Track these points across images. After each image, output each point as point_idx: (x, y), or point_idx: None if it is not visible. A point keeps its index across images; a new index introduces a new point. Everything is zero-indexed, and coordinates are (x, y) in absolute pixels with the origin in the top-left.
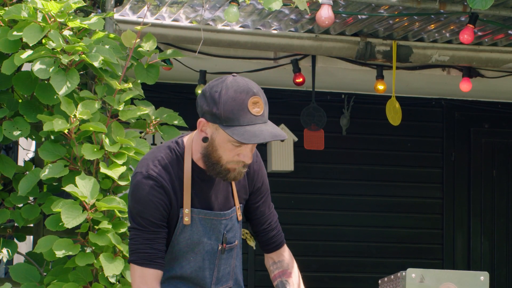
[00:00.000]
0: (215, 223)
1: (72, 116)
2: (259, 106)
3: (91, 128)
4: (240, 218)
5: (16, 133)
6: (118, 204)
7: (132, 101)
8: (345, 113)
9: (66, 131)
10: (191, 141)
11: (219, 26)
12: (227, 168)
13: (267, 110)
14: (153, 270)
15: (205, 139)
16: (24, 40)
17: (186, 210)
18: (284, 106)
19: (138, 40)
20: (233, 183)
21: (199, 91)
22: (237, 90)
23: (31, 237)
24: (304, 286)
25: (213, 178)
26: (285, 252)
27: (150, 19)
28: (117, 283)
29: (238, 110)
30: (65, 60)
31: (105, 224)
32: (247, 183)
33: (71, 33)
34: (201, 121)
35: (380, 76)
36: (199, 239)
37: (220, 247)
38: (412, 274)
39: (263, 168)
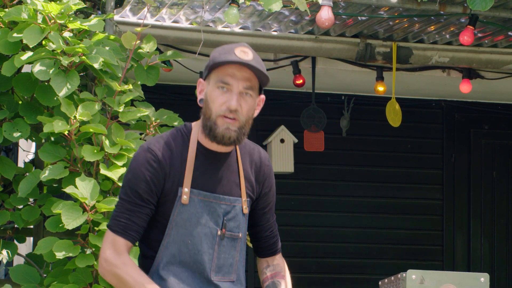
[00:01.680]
0: (215, 206)
1: (72, 118)
2: (247, 54)
3: (91, 130)
4: (246, 211)
5: (16, 134)
6: None
7: (132, 103)
8: (345, 114)
9: (66, 133)
10: (199, 124)
11: (219, 28)
12: (216, 123)
13: (259, 64)
14: (125, 240)
15: (201, 101)
16: (24, 41)
17: (186, 189)
18: (284, 107)
19: (138, 41)
20: (241, 175)
21: None
22: (230, 44)
23: (31, 238)
24: None
25: (219, 162)
26: (281, 259)
27: (150, 20)
28: None
29: (224, 53)
30: (65, 61)
31: (105, 226)
32: (254, 180)
33: (71, 34)
34: (199, 81)
35: (380, 78)
36: (197, 220)
37: (219, 233)
38: (413, 275)
39: (273, 176)
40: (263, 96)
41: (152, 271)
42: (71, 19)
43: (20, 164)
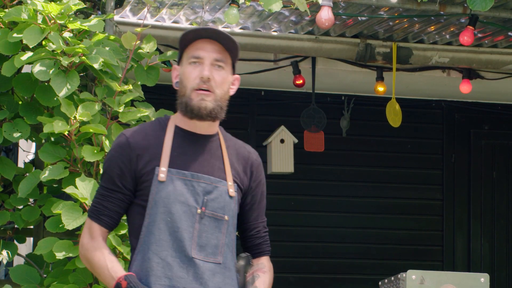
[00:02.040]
0: (194, 184)
1: (72, 118)
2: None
3: (91, 130)
4: (232, 194)
5: (16, 134)
6: None
7: (132, 103)
8: (345, 114)
9: (66, 133)
10: (177, 113)
11: (219, 28)
12: (191, 97)
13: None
14: (97, 225)
15: (176, 84)
16: (24, 42)
17: (163, 168)
18: (284, 108)
19: (138, 42)
20: (226, 160)
21: None
22: None
23: (31, 238)
24: None
25: (199, 143)
26: (267, 261)
27: (150, 21)
28: None
29: (192, 31)
30: (65, 62)
31: None
32: (242, 170)
33: (71, 35)
34: (173, 67)
35: (380, 78)
36: (176, 198)
37: (199, 211)
38: (413, 275)
39: (263, 173)
40: (237, 76)
41: (135, 252)
42: (71, 19)
43: (20, 165)
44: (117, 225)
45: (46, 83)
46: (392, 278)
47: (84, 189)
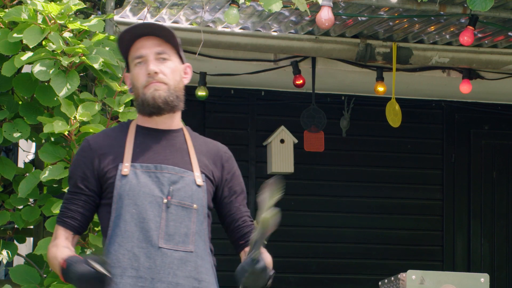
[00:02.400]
0: (158, 175)
1: (72, 118)
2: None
3: (91, 130)
4: (200, 184)
5: (16, 135)
6: None
7: (132, 103)
8: (345, 115)
9: (66, 133)
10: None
11: (219, 28)
12: (144, 93)
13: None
14: (61, 227)
15: (130, 90)
16: (24, 42)
17: (126, 164)
18: (284, 108)
19: None
20: (192, 154)
21: (200, 93)
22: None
23: (31, 238)
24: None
25: (161, 139)
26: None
27: (150, 21)
28: None
29: (127, 31)
30: (65, 62)
31: None
32: (211, 163)
33: (71, 35)
34: (125, 76)
35: (380, 78)
36: (140, 189)
37: (165, 200)
38: (413, 275)
39: (235, 164)
40: (188, 64)
41: (103, 248)
42: (71, 19)
43: (20, 165)
44: (84, 229)
45: (46, 83)
46: (392, 278)
47: None
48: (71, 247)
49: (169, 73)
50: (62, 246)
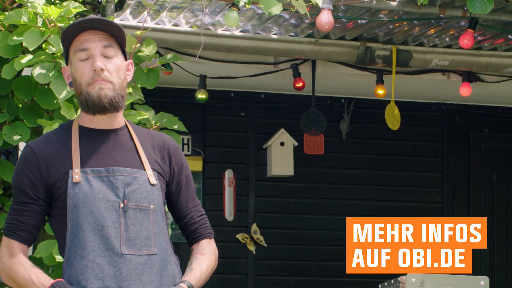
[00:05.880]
0: (111, 179)
1: None
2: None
3: None
4: (154, 182)
5: (16, 137)
6: None
7: (132, 106)
8: (345, 117)
9: None
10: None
11: (219, 31)
12: (88, 91)
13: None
14: (15, 241)
15: (70, 84)
16: (24, 45)
17: (76, 170)
18: (284, 110)
19: (138, 44)
20: (140, 151)
21: (200, 96)
22: None
23: None
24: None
25: (107, 139)
26: (207, 244)
27: (150, 23)
28: None
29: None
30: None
31: None
32: (159, 159)
33: None
34: (63, 68)
35: (380, 81)
36: (95, 196)
37: (122, 204)
38: (412, 278)
39: (183, 157)
40: (131, 60)
41: (64, 261)
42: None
43: None
44: (35, 239)
45: (46, 86)
46: (392, 281)
47: None
48: (35, 266)
49: (114, 71)
50: (29, 266)
